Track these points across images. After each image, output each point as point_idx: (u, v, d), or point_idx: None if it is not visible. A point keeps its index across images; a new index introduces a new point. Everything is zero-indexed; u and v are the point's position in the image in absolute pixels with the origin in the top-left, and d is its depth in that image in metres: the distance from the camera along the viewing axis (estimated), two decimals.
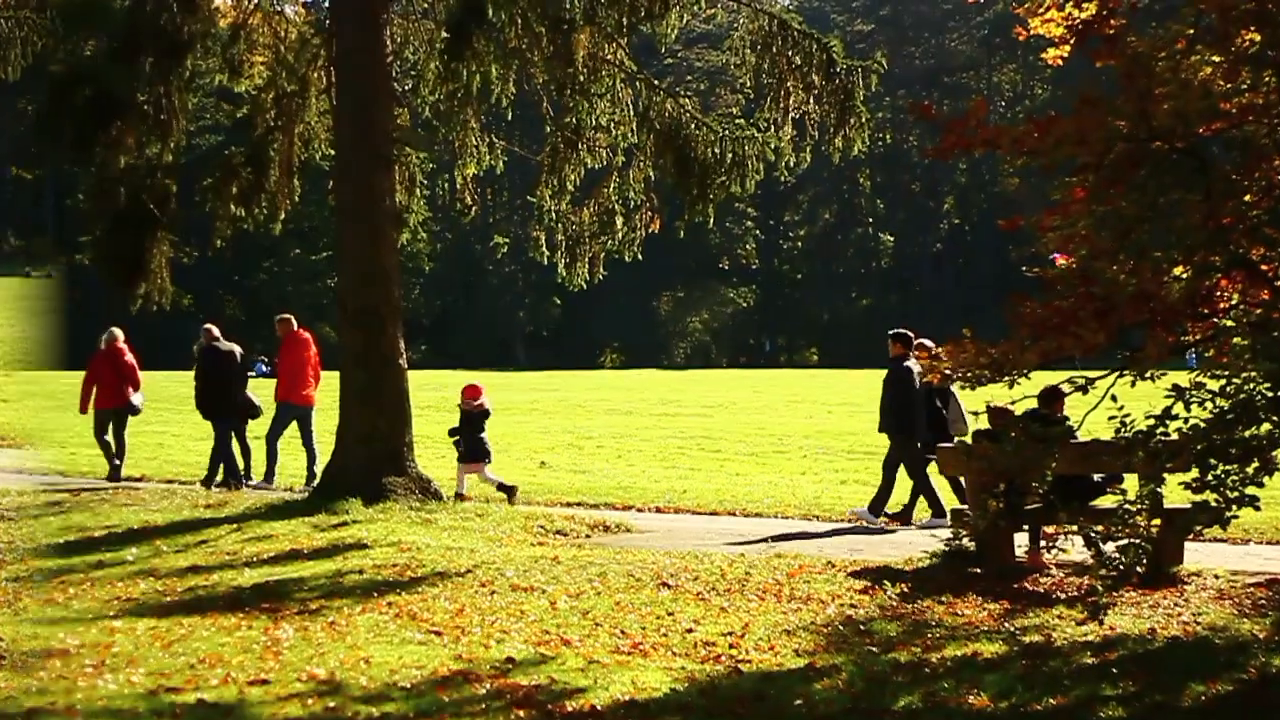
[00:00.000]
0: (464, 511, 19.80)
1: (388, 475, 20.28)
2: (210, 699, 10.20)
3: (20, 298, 73.60)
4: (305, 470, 24.54)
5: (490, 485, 22.72)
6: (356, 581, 14.98)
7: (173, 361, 24.08)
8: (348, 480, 20.24)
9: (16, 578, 15.31)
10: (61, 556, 16.77)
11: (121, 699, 10.17)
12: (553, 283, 26.37)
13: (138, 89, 21.27)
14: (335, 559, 16.29)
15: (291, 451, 25.28)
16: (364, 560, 16.13)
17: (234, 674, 10.88)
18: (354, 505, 19.40)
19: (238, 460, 24.77)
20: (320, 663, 11.31)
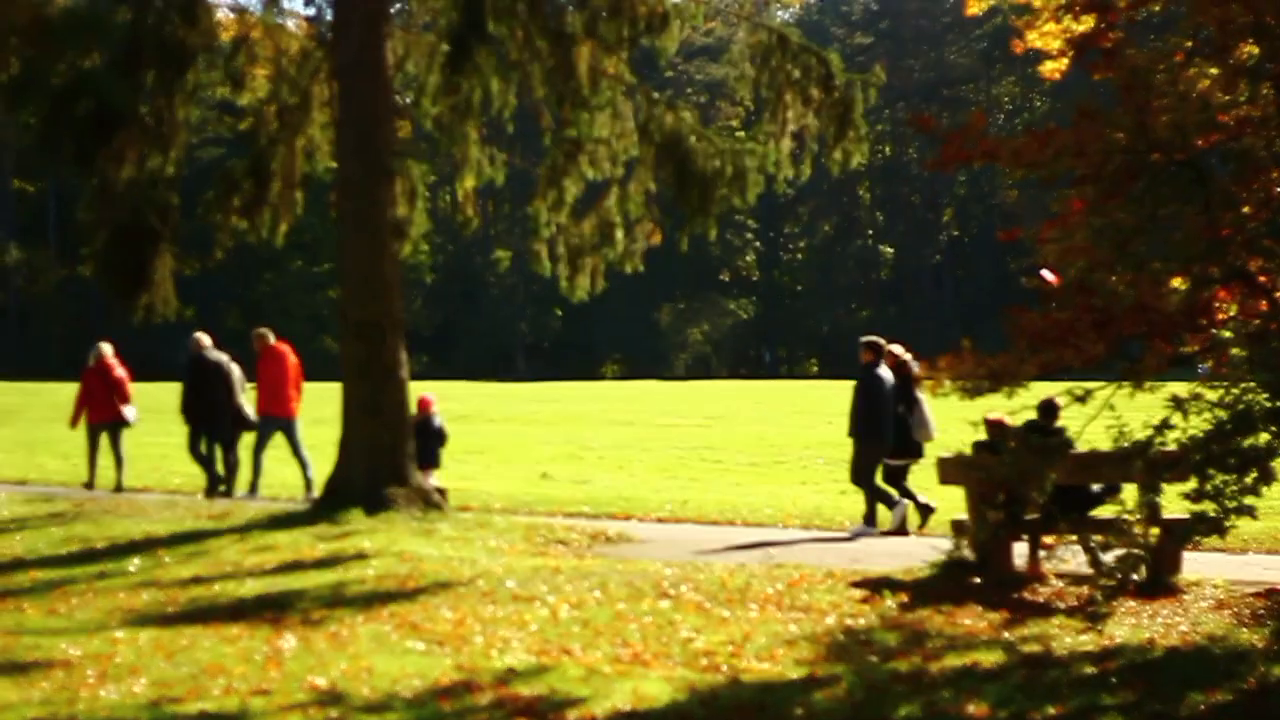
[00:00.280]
0: (466, 522, 19.84)
1: (389, 486, 20.30)
2: (212, 709, 10.25)
3: None
4: (302, 480, 24.57)
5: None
6: (358, 592, 15.02)
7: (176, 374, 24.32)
8: (350, 491, 20.27)
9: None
10: (64, 567, 16.81)
11: (124, 709, 10.22)
12: (554, 294, 26.39)
13: (140, 101, 21.34)
14: (337, 569, 16.32)
15: (281, 460, 25.29)
16: (366, 570, 16.17)
17: (236, 684, 10.93)
18: (356, 516, 19.44)
19: (219, 470, 24.79)
20: (322, 673, 11.36)
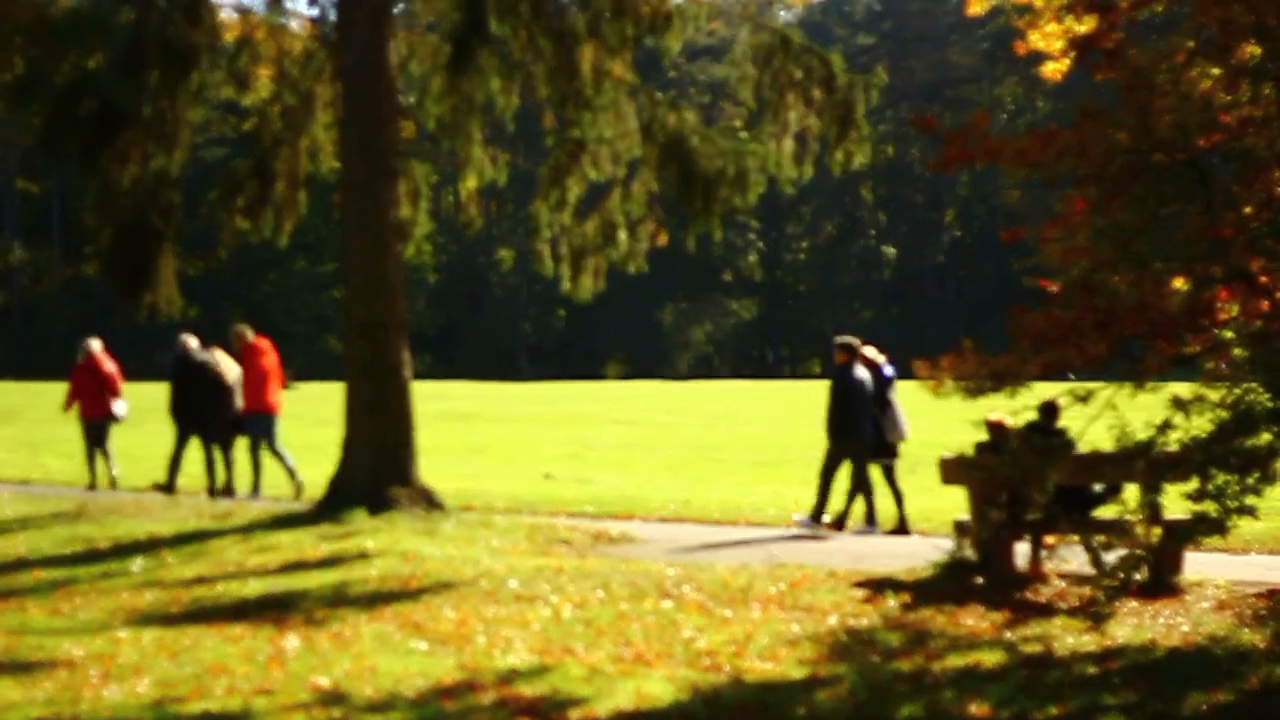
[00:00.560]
0: (468, 522, 19.85)
1: (392, 486, 20.31)
2: (215, 709, 10.26)
3: None
4: (287, 479, 24.77)
5: None
6: (361, 591, 15.03)
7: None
8: (352, 491, 20.28)
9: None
10: (67, 567, 16.83)
11: (127, 709, 10.23)
12: (557, 294, 26.47)
13: (143, 101, 21.35)
14: (340, 569, 16.33)
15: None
16: (369, 570, 16.18)
17: (239, 684, 10.94)
18: (359, 516, 19.45)
19: (219, 473, 24.95)
20: (325, 672, 11.37)
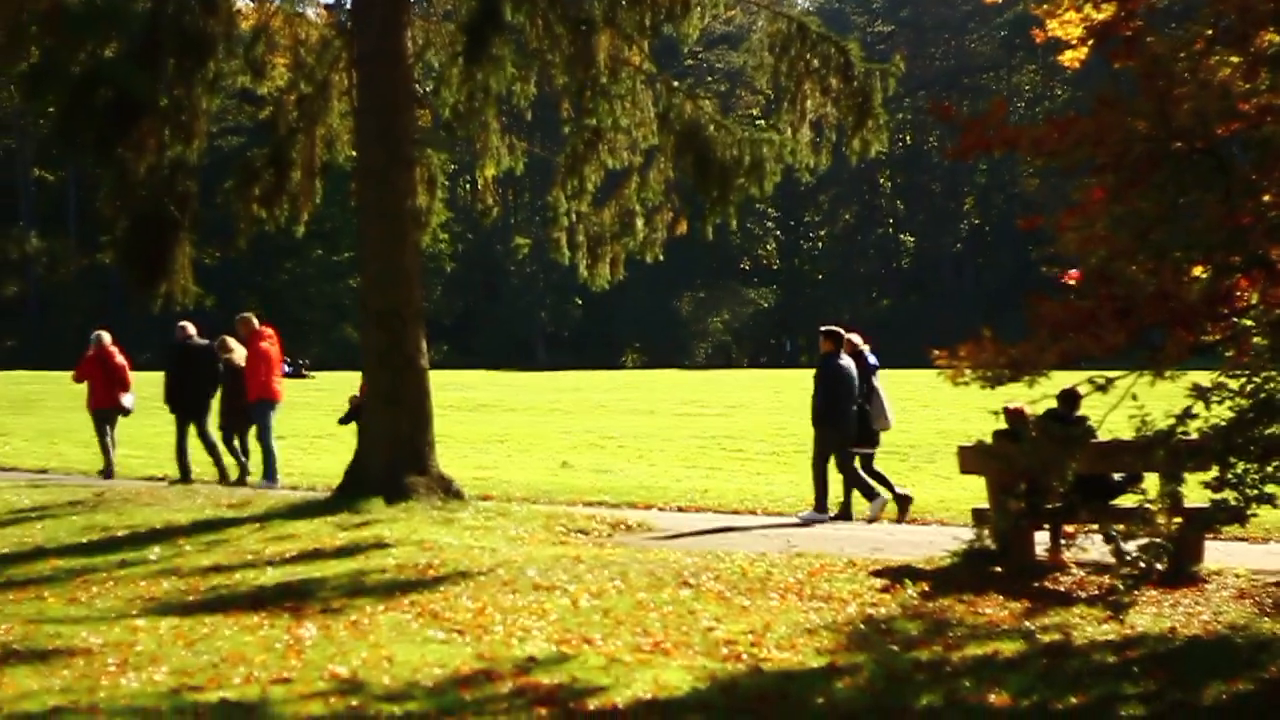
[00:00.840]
0: (486, 511, 19.84)
1: (409, 475, 20.30)
2: (233, 698, 10.26)
3: None
4: (258, 465, 25.10)
5: None
6: (379, 580, 15.03)
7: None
8: (370, 480, 20.27)
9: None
10: (85, 556, 16.85)
11: (144, 697, 10.23)
12: (574, 283, 26.44)
13: (159, 91, 21.34)
14: (357, 558, 16.33)
15: (299, 448, 25.40)
16: (386, 559, 16.17)
17: (257, 673, 10.93)
18: (376, 504, 19.44)
19: (226, 461, 25.23)
20: (343, 661, 11.36)
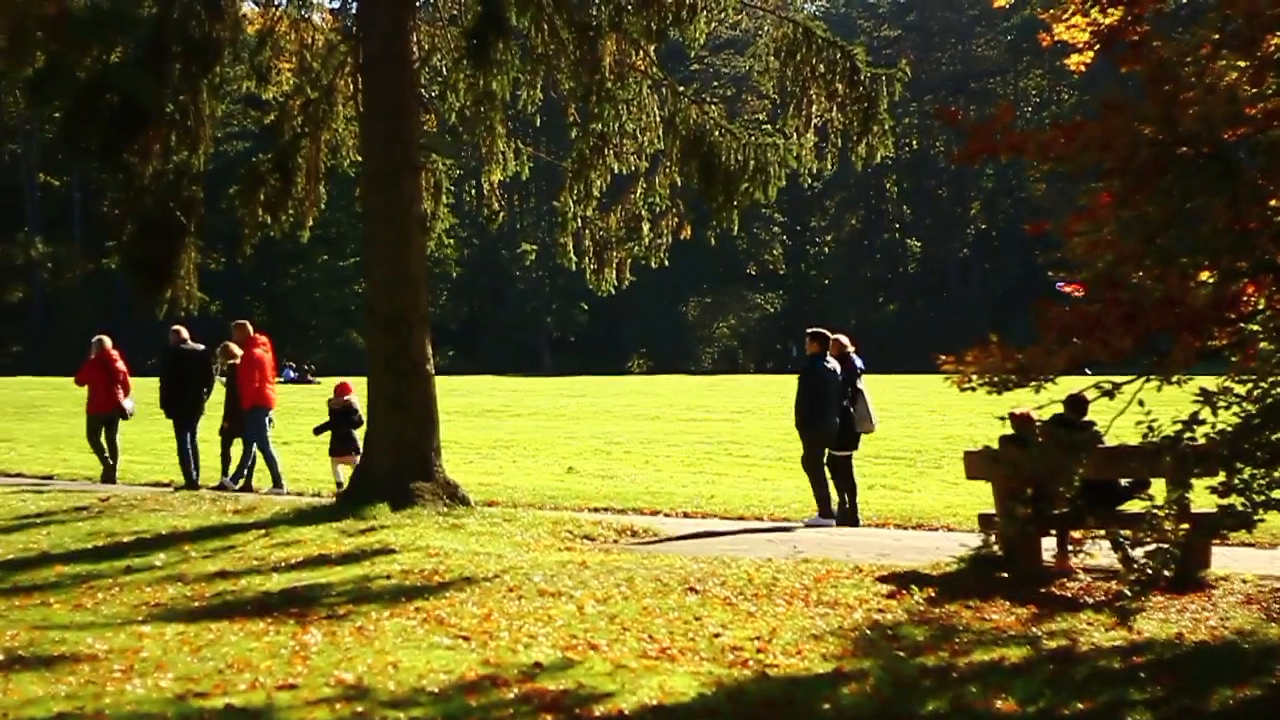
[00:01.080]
0: (492, 517, 19.82)
1: (415, 481, 20.29)
2: (238, 704, 10.23)
3: None
4: (237, 464, 25.20)
5: (345, 475, 24.04)
6: (384, 586, 15.00)
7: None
8: (375, 485, 20.26)
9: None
10: (90, 562, 16.83)
11: (150, 704, 10.20)
12: (580, 288, 26.35)
13: (165, 96, 21.34)
14: (363, 564, 16.31)
15: (304, 454, 25.41)
16: (391, 565, 16.15)
17: (262, 679, 10.91)
18: (382, 510, 19.43)
19: (242, 465, 25.26)
20: (348, 667, 11.34)
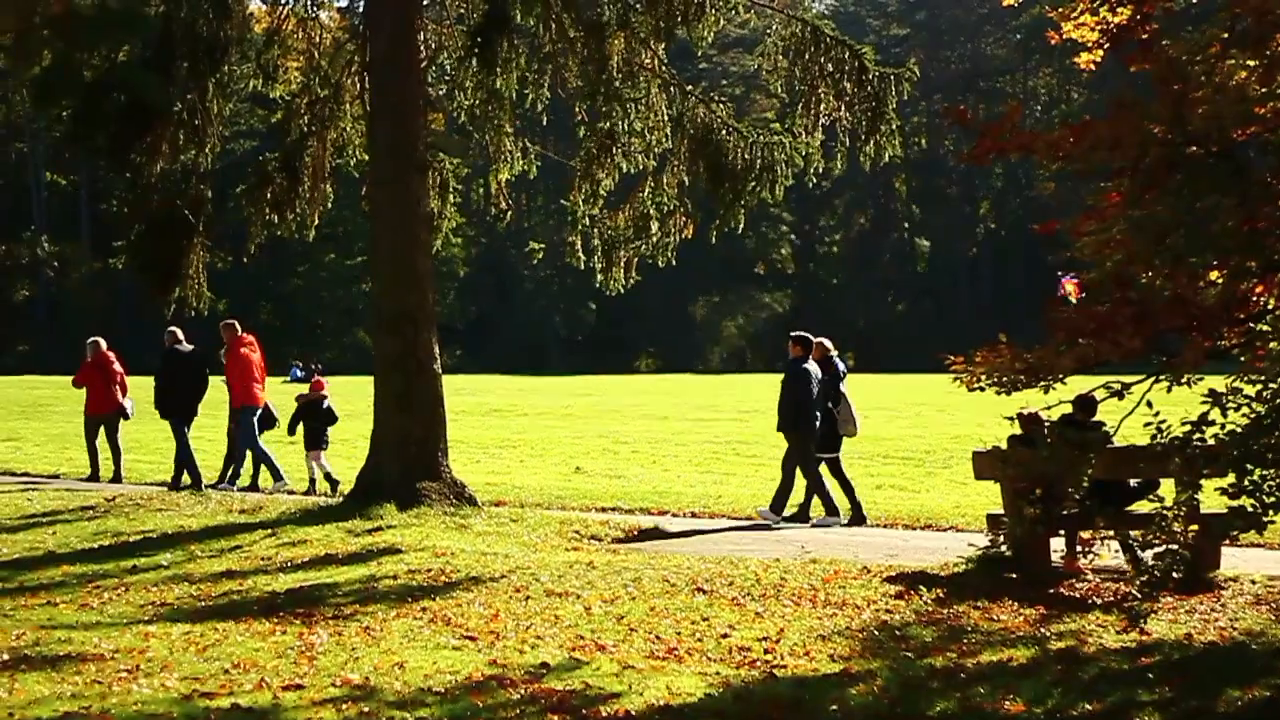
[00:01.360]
0: (499, 517, 19.81)
1: (422, 480, 20.27)
2: (245, 704, 10.20)
3: None
4: (230, 470, 25.38)
5: (321, 472, 24.83)
6: (391, 586, 14.98)
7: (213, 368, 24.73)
8: (382, 485, 20.24)
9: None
10: (96, 561, 16.82)
11: (156, 704, 10.17)
12: (588, 287, 26.36)
13: (173, 95, 21.33)
14: (369, 564, 16.30)
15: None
16: (398, 565, 16.14)
17: (268, 679, 10.88)
18: (388, 510, 19.41)
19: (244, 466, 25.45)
20: (354, 668, 11.31)
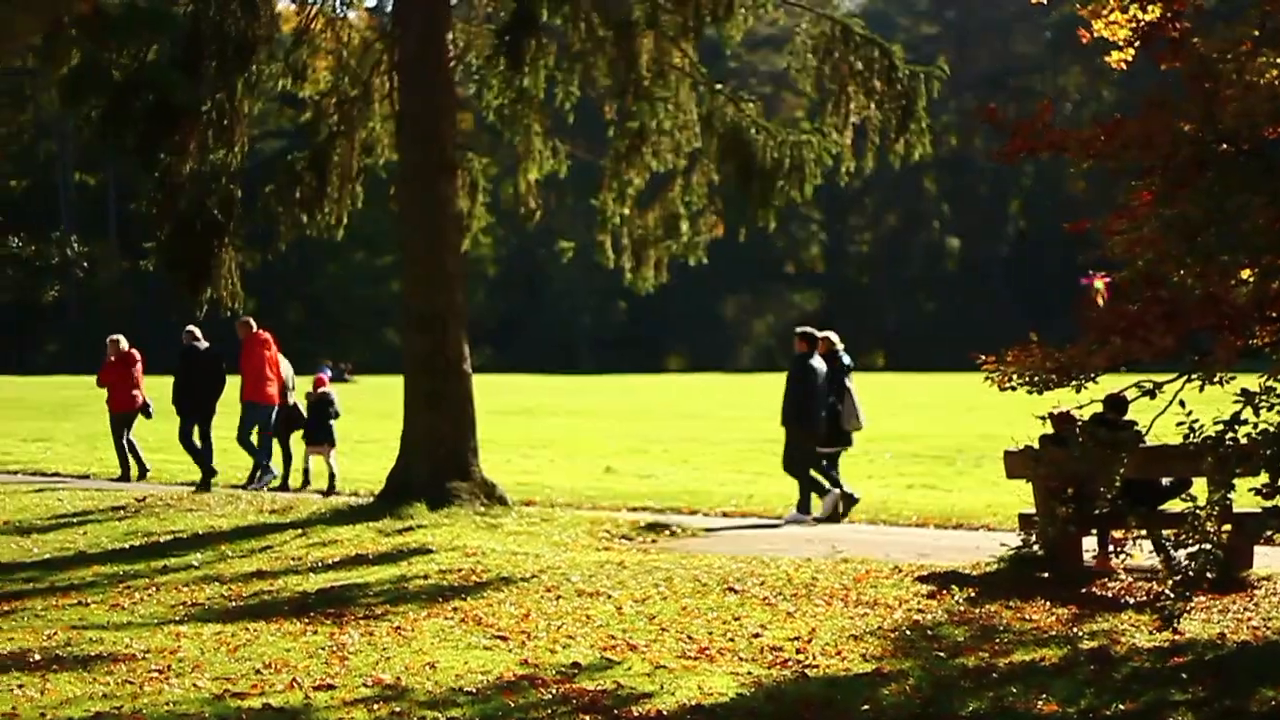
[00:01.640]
0: (529, 516, 19.81)
1: (452, 480, 20.27)
2: (276, 704, 10.22)
3: None
4: (250, 471, 25.42)
5: (325, 470, 24.59)
6: (422, 586, 15.01)
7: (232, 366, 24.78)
8: (412, 485, 20.25)
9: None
10: (127, 562, 16.86)
11: (187, 703, 10.20)
12: (618, 287, 26.35)
13: (201, 94, 21.36)
14: (400, 564, 16.32)
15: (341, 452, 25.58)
16: (429, 565, 16.16)
17: (300, 679, 10.90)
18: (419, 510, 19.42)
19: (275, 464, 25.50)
20: (386, 668, 11.33)
